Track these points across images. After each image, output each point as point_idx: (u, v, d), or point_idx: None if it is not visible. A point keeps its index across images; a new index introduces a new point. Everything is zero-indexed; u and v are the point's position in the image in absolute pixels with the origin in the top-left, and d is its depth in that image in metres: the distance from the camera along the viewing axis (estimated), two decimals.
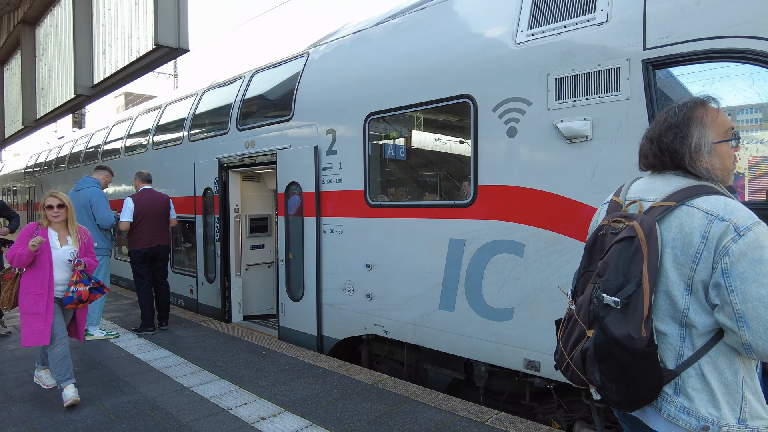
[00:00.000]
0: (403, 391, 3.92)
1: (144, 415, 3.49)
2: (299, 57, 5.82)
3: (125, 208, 5.67)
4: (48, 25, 10.79)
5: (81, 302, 3.83)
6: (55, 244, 3.87)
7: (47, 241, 3.79)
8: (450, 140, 4.74)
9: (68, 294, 3.77)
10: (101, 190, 5.58)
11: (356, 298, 4.92)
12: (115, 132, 10.17)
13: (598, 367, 1.38)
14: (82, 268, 3.86)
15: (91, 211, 5.39)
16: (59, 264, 3.84)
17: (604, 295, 1.36)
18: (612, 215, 1.56)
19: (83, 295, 3.82)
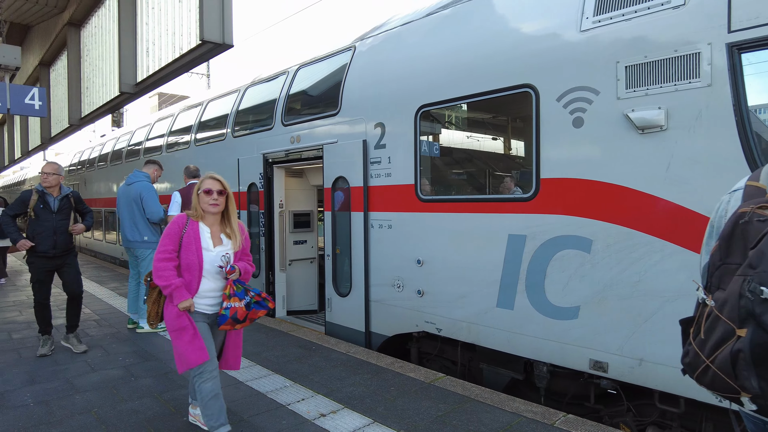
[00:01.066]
0: (461, 391, 3.81)
1: None
2: (345, 51, 5.76)
3: (173, 201, 5.71)
4: (92, 26, 11.03)
5: (237, 322, 2.96)
6: (207, 244, 2.99)
7: (198, 242, 2.97)
8: (507, 132, 4.60)
9: (221, 311, 2.94)
10: (151, 184, 5.64)
11: (406, 294, 4.83)
12: (157, 129, 10.34)
13: (755, 371, 1.23)
14: (236, 276, 2.98)
15: (141, 204, 5.45)
16: (209, 269, 2.99)
17: (763, 288, 1.22)
18: (754, 201, 1.41)
19: (239, 312, 2.95)
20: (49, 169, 4.82)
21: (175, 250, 2.96)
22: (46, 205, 4.75)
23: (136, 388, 3.89)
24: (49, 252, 4.72)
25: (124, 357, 4.67)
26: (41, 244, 4.68)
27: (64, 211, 4.87)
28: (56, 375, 4.22)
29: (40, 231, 4.69)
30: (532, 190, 3.88)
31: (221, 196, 3.03)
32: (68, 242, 4.91)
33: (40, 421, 3.30)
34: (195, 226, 3.01)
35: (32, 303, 6.78)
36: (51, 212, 4.75)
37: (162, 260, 2.93)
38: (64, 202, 4.89)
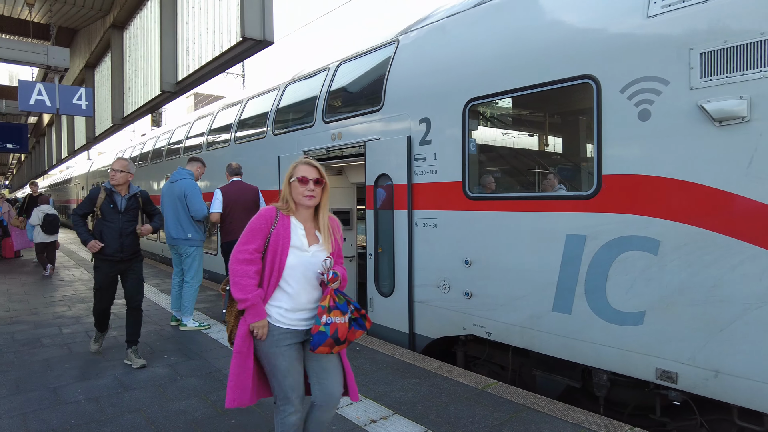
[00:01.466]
0: (516, 398, 3.63)
1: (249, 411, 3.40)
2: (388, 45, 5.62)
3: (215, 199, 5.71)
4: (135, 27, 11.25)
5: (338, 343, 2.36)
6: (301, 243, 2.43)
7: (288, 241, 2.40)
8: (564, 126, 4.37)
9: (318, 329, 2.32)
10: (195, 181, 5.64)
11: (453, 296, 4.66)
12: (197, 128, 10.45)
13: None
14: (336, 285, 2.40)
15: (185, 202, 5.46)
16: (305, 275, 2.42)
17: None
18: None
19: (340, 330, 2.35)
20: (117, 166, 4.49)
21: (259, 251, 2.39)
22: (114, 204, 4.45)
23: (182, 387, 3.86)
24: (116, 255, 4.43)
25: (169, 355, 4.68)
26: (107, 247, 4.39)
27: (132, 211, 4.56)
28: (105, 372, 4.24)
29: (107, 232, 4.41)
30: (593, 187, 3.65)
31: (318, 186, 2.45)
32: (135, 245, 4.60)
33: (91, 419, 3.29)
34: (286, 221, 2.43)
35: (81, 298, 6.91)
36: (118, 212, 4.45)
37: (241, 262, 2.37)
38: (132, 202, 4.57)
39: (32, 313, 6.46)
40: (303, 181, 2.42)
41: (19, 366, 4.39)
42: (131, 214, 4.55)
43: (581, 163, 4.21)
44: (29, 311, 6.58)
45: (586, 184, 3.84)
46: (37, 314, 6.41)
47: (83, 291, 8.03)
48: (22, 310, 6.67)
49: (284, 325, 2.42)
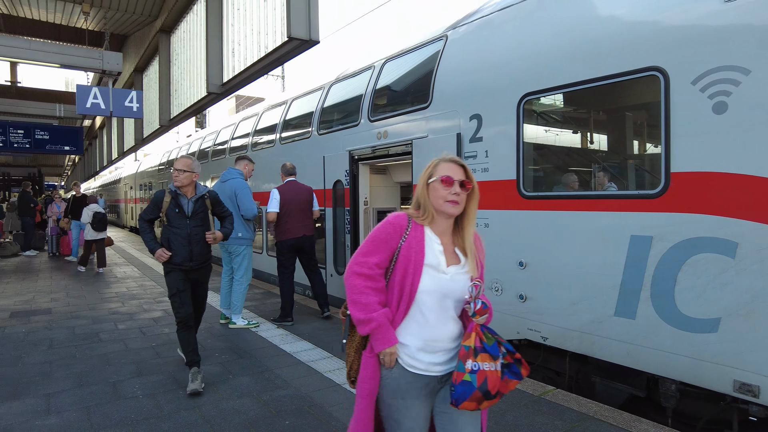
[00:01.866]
0: (577, 407, 3.46)
1: (304, 413, 3.38)
2: (435, 41, 5.51)
3: (272, 198, 5.77)
4: (181, 31, 11.55)
5: (489, 398, 1.82)
6: (437, 262, 1.91)
7: (422, 257, 1.88)
8: (626, 121, 4.16)
9: (462, 377, 1.80)
10: (245, 180, 5.70)
11: (506, 298, 4.51)
12: (242, 128, 10.63)
13: None
14: (484, 320, 1.90)
15: (236, 201, 5.52)
16: (442, 303, 1.92)
17: None
18: None
19: (490, 380, 1.81)
20: (180, 165, 4.01)
21: (382, 266, 1.90)
22: (180, 208, 4.01)
23: (235, 386, 3.88)
24: (185, 264, 4.01)
25: (220, 353, 4.73)
26: (176, 255, 3.98)
27: (200, 215, 4.10)
28: (159, 368, 4.32)
29: (174, 239, 3.99)
30: (660, 185, 3.44)
31: (464, 191, 1.93)
32: (206, 253, 4.16)
33: (150, 415, 3.34)
34: (419, 232, 1.91)
35: (132, 295, 7.12)
36: (185, 217, 4.01)
37: (361, 276, 1.88)
38: (200, 205, 4.11)
39: (89, 309, 6.70)
40: (446, 182, 1.89)
41: (81, 360, 4.53)
42: (199, 218, 4.11)
43: (646, 161, 3.99)
44: (86, 307, 6.83)
45: (652, 183, 3.62)
46: (93, 310, 6.65)
47: (135, 288, 8.28)
48: (80, 305, 6.93)
49: (414, 369, 1.88)
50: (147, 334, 5.42)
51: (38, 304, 6.98)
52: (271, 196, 5.79)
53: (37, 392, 3.76)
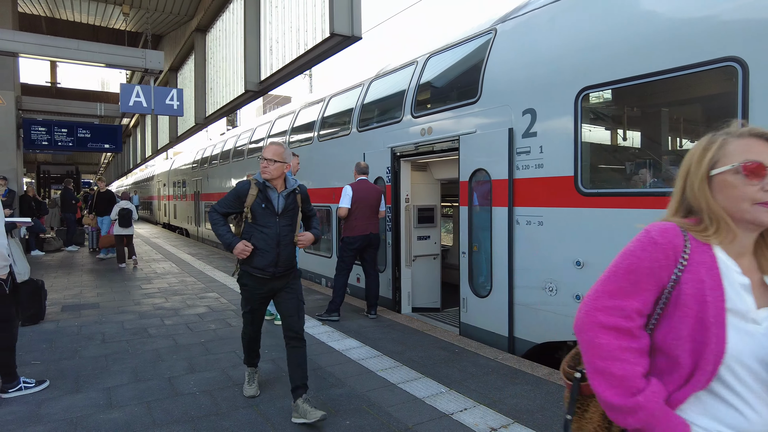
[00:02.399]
0: None
1: (363, 413, 3.34)
2: (484, 35, 5.39)
3: (344, 195, 5.87)
4: (217, 29, 11.67)
5: None
6: (744, 305, 1.15)
7: (721, 300, 1.13)
8: (694, 114, 3.98)
9: None
10: (293, 176, 5.69)
11: (561, 299, 4.38)
12: (278, 126, 10.68)
13: None
14: None
15: None
16: (759, 375, 1.12)
17: None
18: None
19: None
20: (269, 154, 3.33)
21: (644, 312, 1.20)
22: (268, 203, 3.36)
23: (289, 384, 3.85)
24: (268, 270, 3.34)
25: (269, 350, 4.73)
26: (259, 259, 3.32)
27: (290, 213, 3.45)
28: (212, 364, 4.35)
29: (259, 240, 3.33)
30: None
31: None
32: (292, 258, 3.49)
33: (209, 412, 3.35)
34: (707, 256, 1.18)
35: (174, 291, 7.21)
36: (274, 214, 3.37)
37: (612, 331, 1.18)
38: (290, 201, 3.45)
39: (135, 304, 6.82)
40: (756, 172, 1.14)
41: (133, 355, 4.60)
42: (289, 216, 3.45)
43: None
44: (132, 302, 6.96)
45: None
46: (139, 305, 6.76)
47: (176, 284, 8.41)
48: (125, 300, 7.07)
49: None
50: (194, 330, 5.47)
51: (86, 299, 7.14)
52: (343, 192, 5.90)
53: (98, 386, 3.82)
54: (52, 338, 5.12)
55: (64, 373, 4.11)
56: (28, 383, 3.76)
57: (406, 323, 5.69)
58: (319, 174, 8.36)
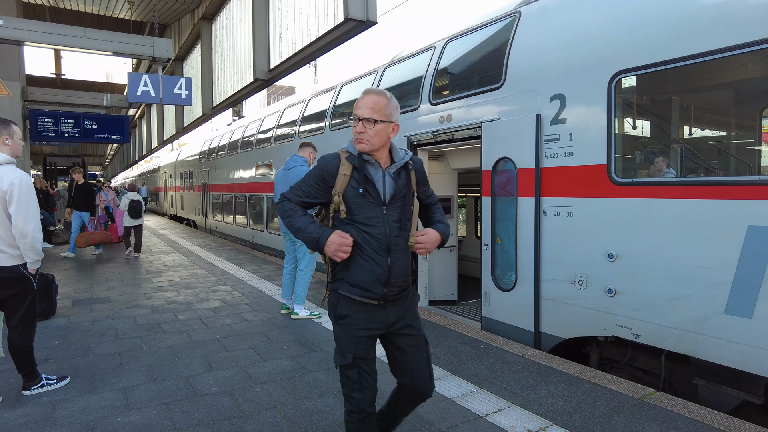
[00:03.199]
0: (687, 413, 3.15)
1: None
2: (507, 17, 5.16)
3: None
4: (224, 17, 11.43)
5: None
6: None
7: None
8: (734, 99, 3.76)
9: None
10: (309, 168, 5.51)
11: (591, 293, 4.20)
12: (288, 116, 10.48)
13: None
14: None
15: None
16: None
17: None
18: None
19: None
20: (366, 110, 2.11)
21: None
22: (369, 187, 2.14)
23: (312, 383, 3.71)
24: (374, 291, 2.13)
25: (289, 346, 4.58)
26: (359, 272, 2.14)
27: (402, 200, 2.20)
28: (229, 362, 4.20)
29: (361, 244, 2.13)
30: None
31: None
32: (407, 270, 2.23)
33: (231, 414, 3.20)
34: None
35: (186, 284, 7.07)
36: (379, 203, 2.15)
37: None
38: (403, 182, 2.21)
39: (146, 298, 6.69)
40: None
41: (148, 352, 4.46)
42: (401, 205, 2.19)
43: (763, 142, 3.59)
44: (143, 296, 6.83)
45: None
46: (151, 299, 6.63)
47: (187, 277, 8.28)
48: (137, 294, 6.94)
49: None
50: (209, 325, 5.33)
51: (96, 293, 7.02)
52: None
53: (113, 386, 3.69)
54: (64, 334, 5.00)
55: (78, 371, 3.97)
56: (50, 380, 3.64)
57: (426, 317, 5.52)
58: None
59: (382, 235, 2.12)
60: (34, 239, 3.30)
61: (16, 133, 3.45)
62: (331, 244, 2.07)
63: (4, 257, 3.27)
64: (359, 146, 2.14)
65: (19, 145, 3.46)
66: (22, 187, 3.23)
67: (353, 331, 2.17)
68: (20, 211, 3.22)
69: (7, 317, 3.46)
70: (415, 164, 2.30)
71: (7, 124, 3.40)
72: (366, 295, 2.14)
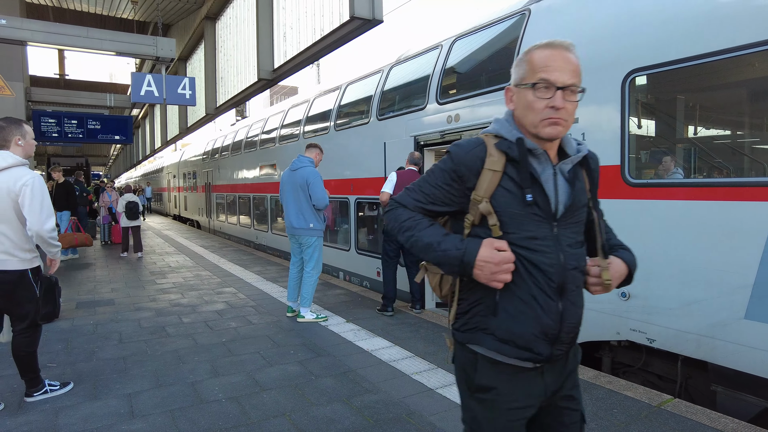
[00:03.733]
0: (707, 421, 3.06)
1: (404, 422, 3.10)
2: (515, 16, 5.07)
3: (389, 180, 5.50)
4: (228, 17, 11.38)
5: None
6: None
7: None
8: (752, 99, 3.66)
9: None
10: (316, 168, 5.43)
11: (604, 296, 4.07)
12: (292, 116, 10.40)
13: None
14: None
15: (307, 191, 5.26)
16: None
17: None
18: None
19: None
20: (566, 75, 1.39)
21: None
22: (537, 190, 1.41)
23: (320, 389, 3.63)
24: (540, 352, 1.41)
25: (295, 350, 4.50)
26: (515, 322, 1.40)
27: (580, 211, 1.48)
28: (235, 367, 4.12)
29: (524, 276, 1.39)
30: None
31: None
32: (580, 313, 1.47)
33: (238, 422, 3.13)
34: None
35: (190, 286, 7.00)
36: (549, 216, 1.42)
37: None
38: (580, 184, 1.49)
39: (150, 300, 6.63)
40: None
41: (153, 356, 4.39)
42: (577, 221, 1.49)
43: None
44: (147, 298, 6.77)
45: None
46: (155, 301, 6.57)
47: (191, 278, 8.22)
48: (141, 296, 6.88)
49: None
50: (214, 328, 5.26)
51: (100, 295, 6.96)
52: (389, 178, 5.54)
53: (117, 392, 3.62)
54: (67, 338, 4.93)
55: (81, 377, 3.91)
56: (53, 386, 3.58)
57: (435, 321, 5.44)
58: (337, 164, 8.09)
59: (553, 266, 1.40)
60: (51, 238, 3.28)
61: (29, 133, 3.40)
62: (485, 265, 1.35)
63: (14, 261, 3.22)
64: (554, 130, 1.39)
65: (31, 146, 3.42)
66: (34, 189, 3.18)
67: (504, 413, 1.46)
68: (34, 212, 3.17)
69: (12, 323, 3.40)
70: (592, 160, 1.57)
71: (19, 123, 3.35)
72: (524, 357, 1.42)
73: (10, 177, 3.15)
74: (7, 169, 3.16)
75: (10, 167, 3.17)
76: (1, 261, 3.18)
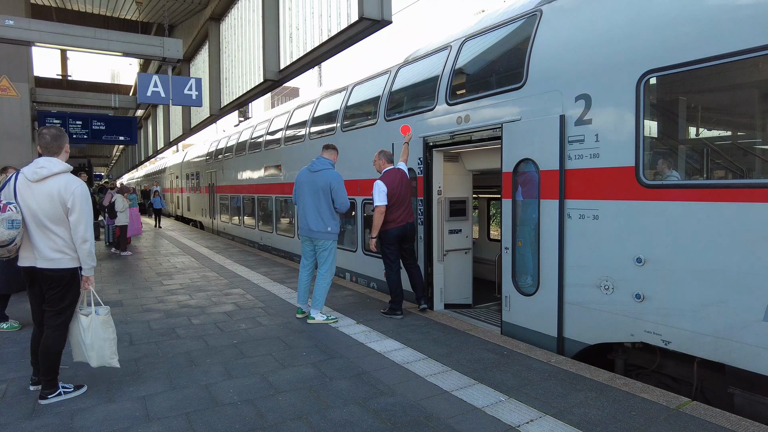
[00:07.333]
0: (728, 424, 3.05)
1: (422, 425, 3.08)
2: (527, 16, 5.05)
3: (379, 192, 5.52)
4: (232, 18, 11.37)
5: None
6: None
7: None
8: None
9: None
10: (335, 170, 5.42)
11: (618, 297, 4.09)
12: (297, 117, 10.39)
13: None
14: None
15: (330, 194, 5.24)
16: None
17: None
18: None
19: None
20: None
21: None
22: None
23: (336, 392, 3.62)
24: None
25: (308, 352, 4.49)
26: None
27: None
28: (248, 369, 4.11)
29: None
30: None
31: None
32: None
33: (255, 425, 3.11)
34: None
35: (198, 287, 7.00)
36: None
37: None
38: None
39: (159, 301, 6.61)
40: None
41: (164, 358, 4.38)
42: None
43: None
44: (155, 299, 6.75)
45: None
46: (163, 302, 6.55)
47: (198, 279, 8.20)
48: (149, 297, 6.87)
49: None
50: (224, 330, 5.24)
51: (108, 296, 6.94)
52: (376, 189, 5.55)
53: (131, 394, 3.60)
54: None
55: (95, 379, 3.89)
56: (67, 388, 3.58)
57: (445, 322, 5.43)
58: (344, 165, 8.05)
59: None
60: (91, 245, 3.49)
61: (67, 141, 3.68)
62: None
63: (66, 259, 3.44)
64: None
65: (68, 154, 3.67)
66: (83, 196, 3.42)
67: None
68: (81, 218, 3.40)
69: (48, 318, 3.52)
70: None
71: (63, 133, 3.61)
72: None
73: (61, 182, 3.38)
74: (58, 175, 3.41)
75: (60, 173, 3.43)
76: (57, 259, 3.41)
